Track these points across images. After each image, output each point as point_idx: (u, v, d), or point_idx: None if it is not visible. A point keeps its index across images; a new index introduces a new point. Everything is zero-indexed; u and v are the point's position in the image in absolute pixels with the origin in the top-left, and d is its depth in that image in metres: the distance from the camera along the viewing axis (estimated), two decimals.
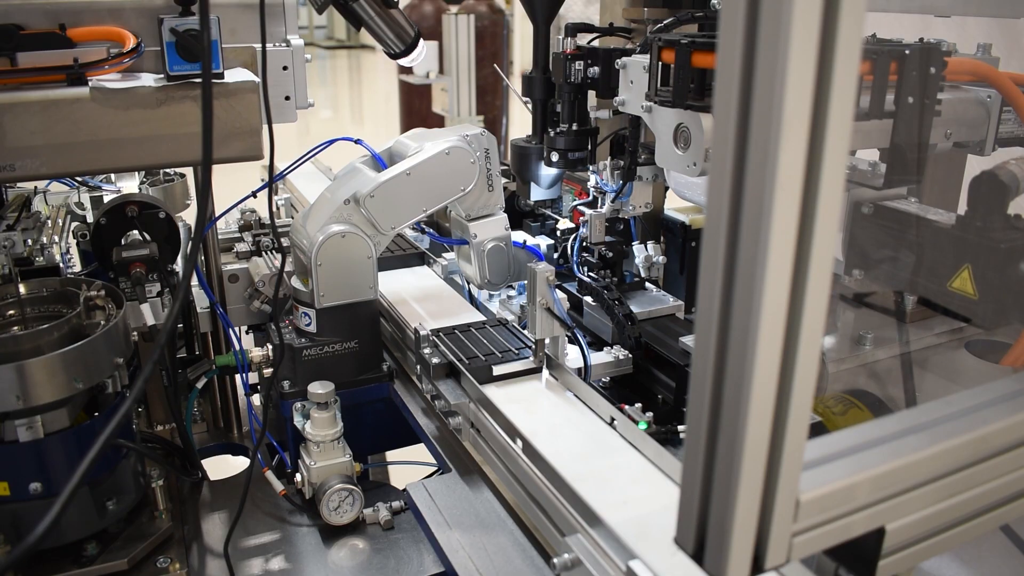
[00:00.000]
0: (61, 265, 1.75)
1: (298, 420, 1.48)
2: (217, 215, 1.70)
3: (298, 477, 1.49)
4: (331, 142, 1.71)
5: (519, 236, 1.90)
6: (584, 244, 1.78)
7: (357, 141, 1.70)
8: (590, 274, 1.74)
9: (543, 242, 1.99)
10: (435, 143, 1.60)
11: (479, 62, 5.84)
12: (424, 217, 1.63)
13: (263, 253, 1.89)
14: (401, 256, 2.05)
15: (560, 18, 1.88)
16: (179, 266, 1.77)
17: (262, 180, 2.06)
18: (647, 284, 1.80)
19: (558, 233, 1.98)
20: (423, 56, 1.92)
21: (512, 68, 8.61)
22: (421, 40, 1.87)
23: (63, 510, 0.80)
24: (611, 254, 1.75)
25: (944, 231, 1.49)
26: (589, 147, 1.78)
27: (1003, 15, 1.94)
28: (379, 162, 1.64)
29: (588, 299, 1.72)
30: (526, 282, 1.39)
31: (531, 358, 1.41)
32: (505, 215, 1.74)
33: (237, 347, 1.63)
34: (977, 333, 1.60)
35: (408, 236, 2.21)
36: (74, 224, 2.00)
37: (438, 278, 1.97)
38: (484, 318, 1.65)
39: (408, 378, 1.68)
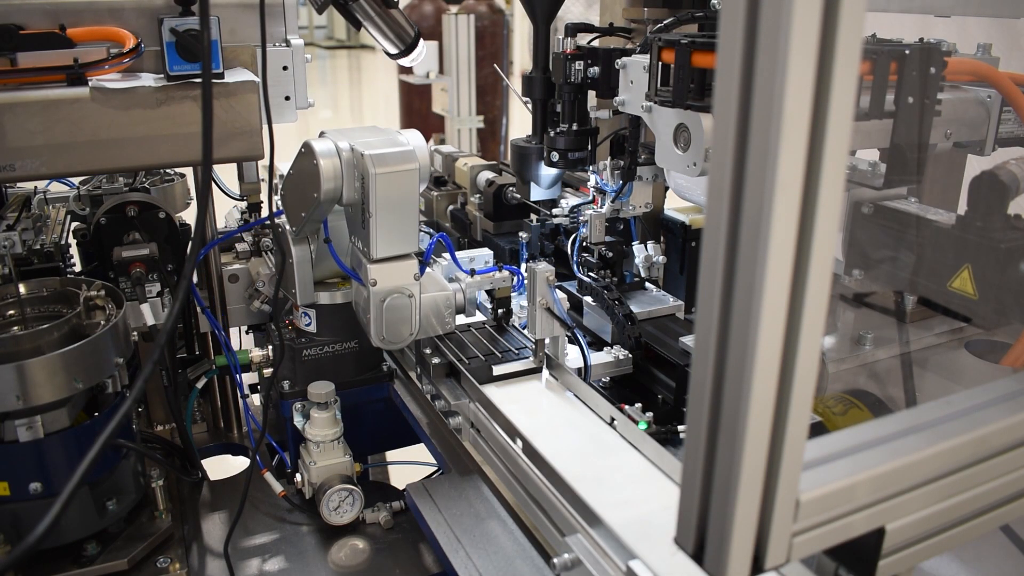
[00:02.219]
0: (61, 265, 1.75)
1: (298, 420, 1.48)
2: (223, 235, 1.69)
3: (298, 477, 1.49)
4: None
5: (476, 254, 1.71)
6: (584, 244, 1.78)
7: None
8: (590, 274, 1.74)
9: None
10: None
11: (479, 62, 5.84)
12: (303, 224, 1.44)
13: (263, 253, 1.89)
14: None
15: (559, 19, 1.88)
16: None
17: (262, 180, 2.05)
18: (647, 284, 1.80)
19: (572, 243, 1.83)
20: (423, 56, 1.92)
21: (512, 68, 8.61)
22: (421, 40, 1.87)
23: (63, 510, 0.80)
24: (611, 254, 1.74)
25: (944, 231, 1.49)
26: (589, 147, 1.78)
27: (1003, 15, 1.94)
28: None
29: (588, 299, 1.72)
30: (526, 282, 1.39)
31: (531, 358, 1.41)
32: (415, 260, 1.40)
33: (233, 350, 1.62)
34: (977, 333, 1.60)
35: None
36: (74, 224, 2.00)
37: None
38: (484, 318, 1.65)
39: (408, 378, 1.68)
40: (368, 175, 1.30)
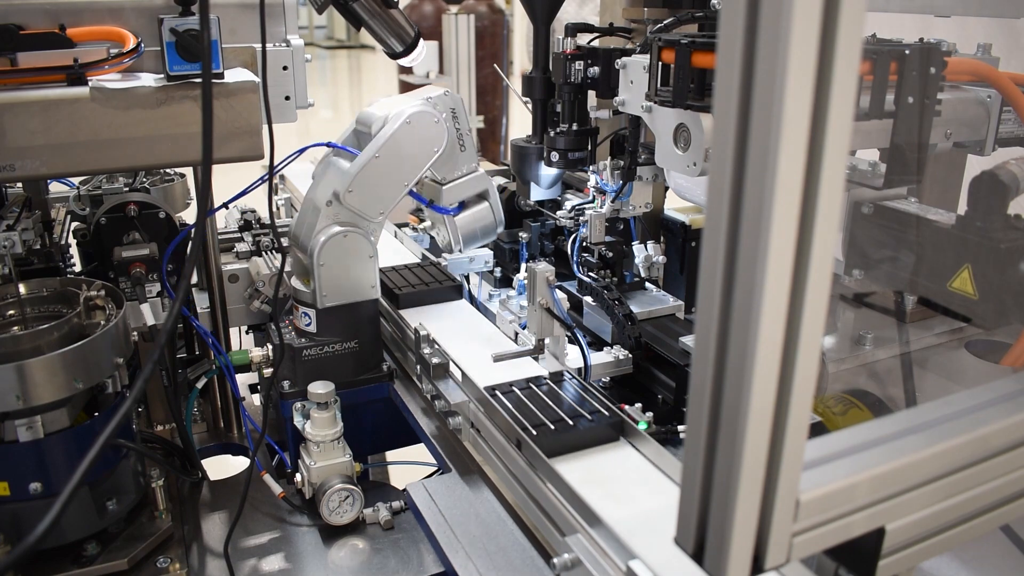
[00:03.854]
0: (61, 265, 1.75)
1: (298, 420, 1.48)
2: (214, 208, 1.68)
3: (298, 477, 1.49)
4: (303, 150, 1.68)
5: (476, 254, 1.93)
6: (584, 244, 1.78)
7: (329, 144, 1.67)
8: (590, 274, 1.74)
9: None
10: (397, 113, 1.55)
11: (479, 62, 5.85)
12: (407, 192, 1.60)
13: (263, 253, 1.89)
14: (438, 289, 1.78)
15: (558, 19, 1.88)
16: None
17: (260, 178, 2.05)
18: (647, 284, 1.80)
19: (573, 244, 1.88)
20: (423, 56, 1.92)
21: (512, 68, 8.61)
22: (421, 40, 1.87)
23: (63, 510, 0.80)
24: (611, 254, 1.75)
25: (944, 231, 1.49)
26: (589, 147, 1.78)
27: (1003, 15, 1.94)
28: (351, 152, 1.62)
29: (588, 299, 1.72)
30: (526, 282, 1.39)
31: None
32: (483, 171, 1.73)
33: (227, 351, 1.62)
34: (977, 333, 1.60)
35: (408, 237, 2.21)
36: (74, 224, 2.00)
37: None
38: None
39: (408, 378, 1.68)
40: (458, 104, 1.64)
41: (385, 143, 1.53)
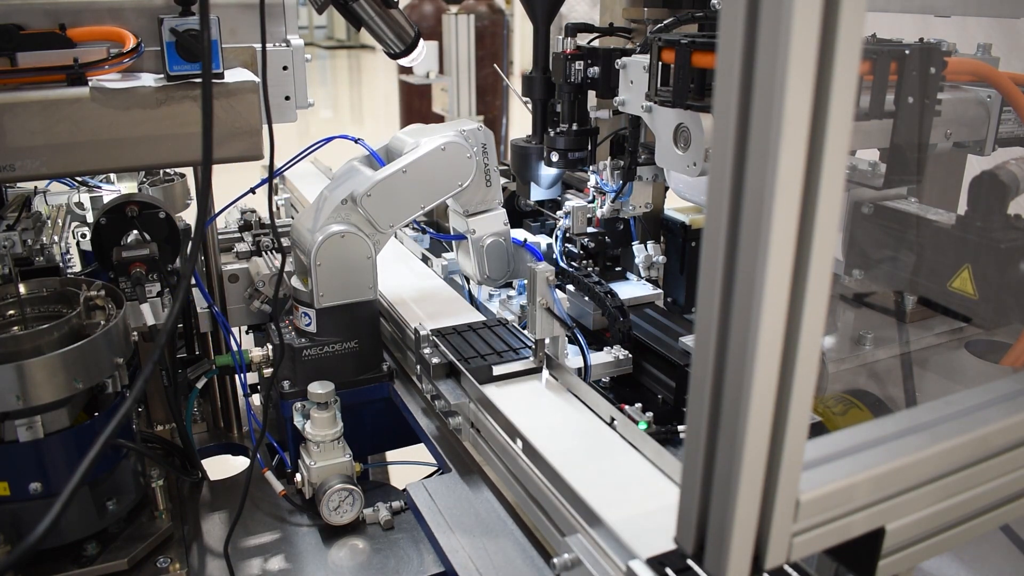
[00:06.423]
0: (61, 265, 1.74)
1: (298, 420, 1.48)
2: (216, 212, 1.69)
3: (298, 477, 1.49)
4: (329, 139, 1.70)
5: (519, 234, 1.89)
6: (568, 235, 1.80)
7: (357, 140, 1.70)
8: (572, 263, 1.76)
9: (543, 240, 1.98)
10: (431, 139, 1.60)
11: (479, 62, 5.84)
12: (422, 214, 1.63)
13: (263, 253, 1.89)
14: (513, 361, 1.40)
15: (561, 17, 1.88)
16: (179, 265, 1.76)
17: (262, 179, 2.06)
18: (628, 274, 1.83)
19: (556, 234, 1.98)
20: (423, 56, 1.92)
21: (512, 68, 8.61)
22: (421, 40, 1.87)
23: (63, 510, 0.80)
24: (592, 244, 1.77)
25: (944, 231, 1.49)
26: (589, 147, 1.79)
27: (1003, 15, 1.95)
28: (377, 160, 1.64)
29: (570, 287, 1.74)
30: (526, 282, 1.39)
31: (531, 358, 1.41)
32: (503, 211, 1.74)
33: (236, 348, 1.62)
34: (977, 333, 1.60)
35: (408, 236, 2.21)
36: (74, 224, 2.00)
37: (438, 278, 1.97)
38: (484, 318, 1.65)
39: (408, 378, 1.68)
40: (489, 142, 1.67)
41: (415, 161, 1.57)
